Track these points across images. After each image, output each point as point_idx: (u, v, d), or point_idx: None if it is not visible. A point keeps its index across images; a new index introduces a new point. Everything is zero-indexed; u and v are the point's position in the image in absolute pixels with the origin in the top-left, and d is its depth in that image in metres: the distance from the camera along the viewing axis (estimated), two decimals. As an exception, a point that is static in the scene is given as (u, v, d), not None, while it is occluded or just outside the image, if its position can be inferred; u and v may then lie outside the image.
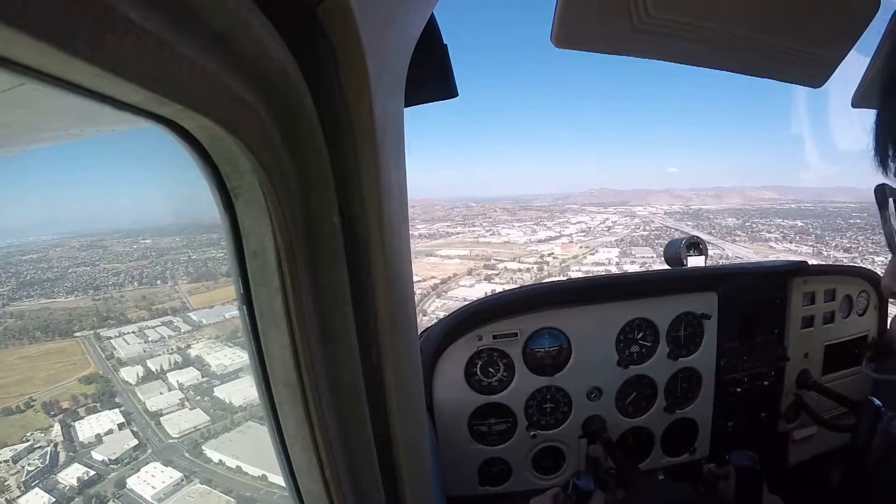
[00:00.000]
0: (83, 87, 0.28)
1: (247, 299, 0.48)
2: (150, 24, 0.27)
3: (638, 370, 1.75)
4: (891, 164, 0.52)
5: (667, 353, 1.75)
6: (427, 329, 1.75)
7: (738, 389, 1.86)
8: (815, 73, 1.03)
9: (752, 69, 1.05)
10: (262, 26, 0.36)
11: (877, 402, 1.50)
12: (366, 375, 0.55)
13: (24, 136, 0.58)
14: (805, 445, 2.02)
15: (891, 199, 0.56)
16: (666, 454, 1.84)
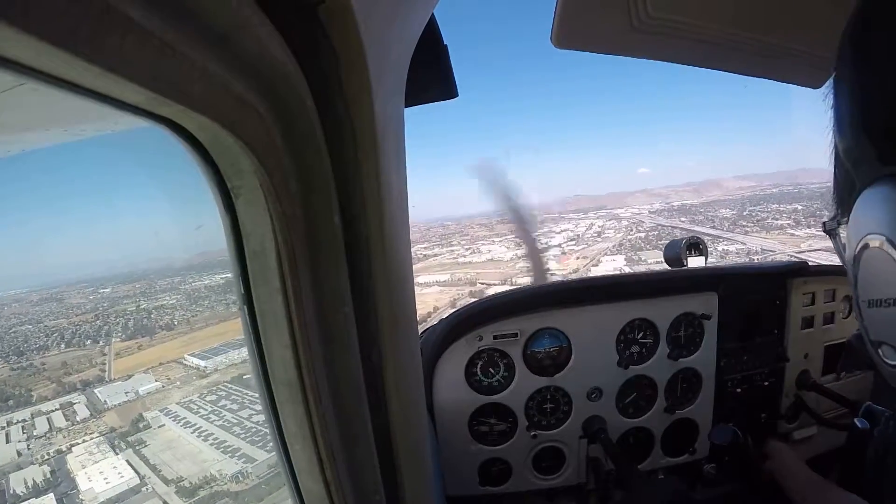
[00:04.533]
0: (84, 87, 0.28)
1: (247, 299, 0.48)
2: (152, 25, 0.27)
3: (638, 370, 1.75)
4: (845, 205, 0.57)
5: (667, 354, 1.75)
6: (427, 329, 1.75)
7: (739, 390, 1.86)
8: (814, 73, 1.03)
9: (751, 69, 1.05)
10: (263, 27, 0.36)
11: (863, 424, 1.50)
12: (366, 375, 0.55)
13: (24, 136, 0.58)
14: (805, 446, 2.01)
15: (840, 228, 0.64)
16: (666, 454, 1.84)
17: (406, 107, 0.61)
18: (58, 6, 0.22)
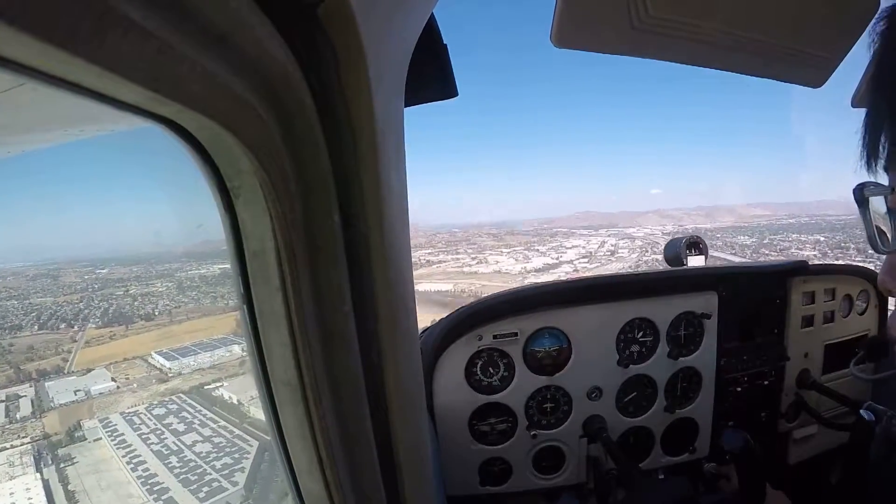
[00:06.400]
0: (83, 86, 0.28)
1: (247, 299, 0.48)
2: (151, 24, 0.27)
3: (638, 370, 1.75)
4: (880, 159, 0.54)
5: (667, 353, 1.75)
6: (427, 329, 1.76)
7: (739, 389, 1.86)
8: (815, 73, 1.04)
9: (752, 69, 1.05)
10: (262, 26, 0.36)
11: (869, 416, 1.50)
12: (366, 375, 0.55)
13: (24, 136, 0.58)
14: (805, 445, 2.02)
15: (871, 199, 0.58)
16: (666, 454, 1.84)
17: (406, 106, 0.61)
18: (58, 6, 0.22)
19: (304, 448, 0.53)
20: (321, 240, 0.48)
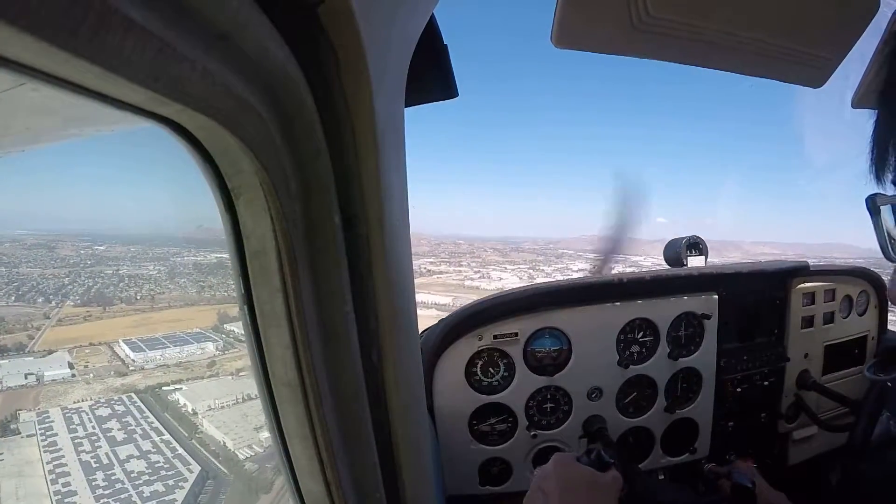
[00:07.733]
0: (84, 87, 0.28)
1: (248, 299, 0.48)
2: (152, 25, 0.27)
3: (638, 370, 1.75)
4: (888, 172, 0.54)
5: (667, 353, 1.75)
6: (427, 329, 1.75)
7: (739, 390, 1.86)
8: (815, 74, 1.04)
9: (751, 69, 1.06)
10: (262, 27, 0.36)
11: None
12: (367, 375, 0.55)
13: (24, 136, 0.58)
14: (805, 445, 2.02)
15: (882, 208, 0.60)
16: (666, 454, 1.84)
17: (406, 106, 0.61)
18: (58, 6, 0.22)
19: (304, 448, 0.53)
20: (322, 240, 0.48)
